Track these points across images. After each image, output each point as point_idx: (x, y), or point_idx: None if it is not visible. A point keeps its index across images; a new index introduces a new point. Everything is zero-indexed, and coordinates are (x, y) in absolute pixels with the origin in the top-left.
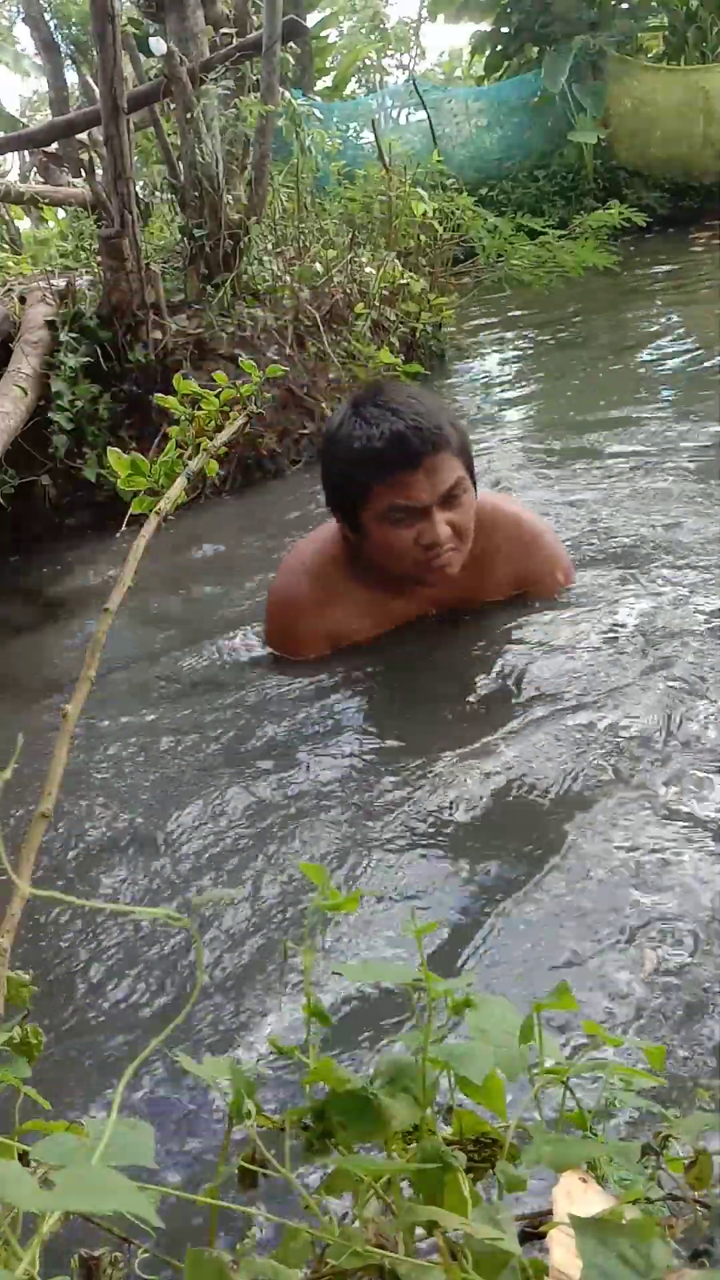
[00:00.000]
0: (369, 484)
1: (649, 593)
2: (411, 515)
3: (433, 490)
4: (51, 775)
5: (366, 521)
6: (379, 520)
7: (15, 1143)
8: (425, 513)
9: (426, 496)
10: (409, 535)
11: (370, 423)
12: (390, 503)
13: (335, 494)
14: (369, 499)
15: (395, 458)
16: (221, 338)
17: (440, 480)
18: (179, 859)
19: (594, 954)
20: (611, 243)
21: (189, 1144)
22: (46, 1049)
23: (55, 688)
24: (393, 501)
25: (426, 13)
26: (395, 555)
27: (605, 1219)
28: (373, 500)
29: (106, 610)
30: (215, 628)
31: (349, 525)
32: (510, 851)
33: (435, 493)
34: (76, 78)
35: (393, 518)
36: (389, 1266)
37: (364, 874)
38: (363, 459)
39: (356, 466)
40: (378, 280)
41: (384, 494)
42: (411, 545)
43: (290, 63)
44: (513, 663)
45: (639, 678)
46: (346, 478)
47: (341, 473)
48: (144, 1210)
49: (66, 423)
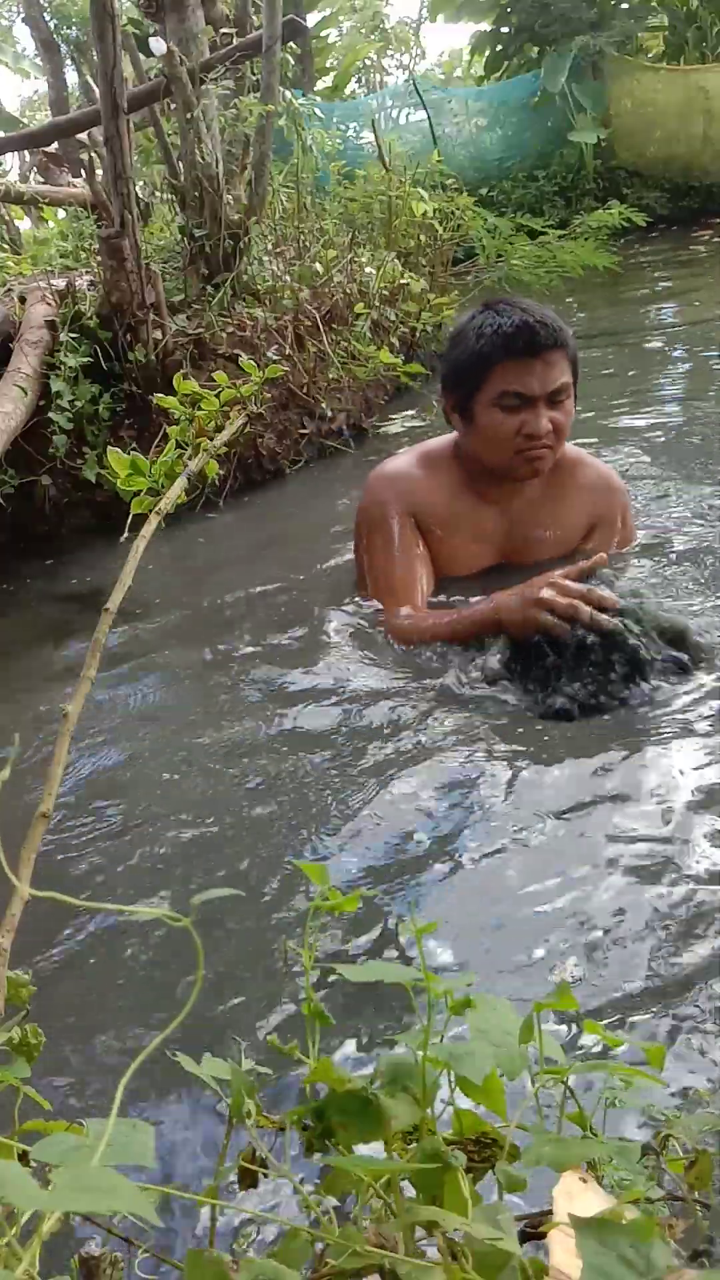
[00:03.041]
0: (490, 365)
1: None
2: (520, 403)
3: (544, 384)
4: (51, 775)
5: (478, 408)
6: (489, 405)
7: (15, 1143)
8: (533, 404)
9: (538, 388)
10: (513, 423)
11: (502, 314)
12: (504, 388)
13: (454, 378)
14: (486, 381)
15: (519, 343)
16: (221, 338)
17: (552, 377)
18: (179, 859)
19: (594, 953)
20: (611, 243)
21: (189, 1144)
22: (46, 1049)
23: (55, 688)
24: (506, 387)
25: (426, 13)
26: (498, 442)
27: (605, 1219)
28: (490, 383)
29: (106, 610)
30: (216, 628)
31: (460, 412)
32: (517, 851)
33: (545, 387)
34: (76, 78)
35: (504, 403)
36: (389, 1266)
37: (364, 873)
38: (490, 340)
39: (483, 347)
40: (378, 280)
41: (501, 376)
42: (513, 434)
43: (290, 63)
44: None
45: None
46: (471, 359)
47: (467, 354)
48: (144, 1210)
49: (66, 423)
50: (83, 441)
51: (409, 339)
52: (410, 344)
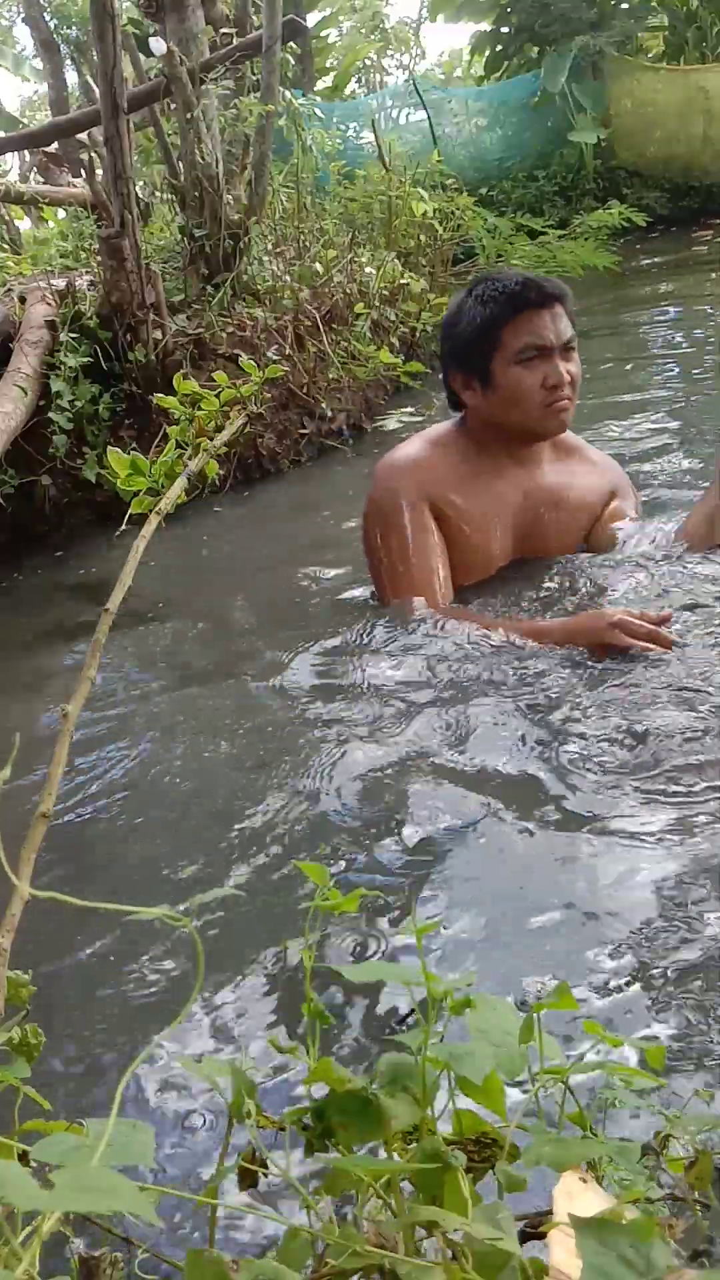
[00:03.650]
0: (502, 324)
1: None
2: (540, 355)
3: (558, 334)
4: (51, 775)
5: (497, 369)
6: (509, 364)
7: (15, 1143)
8: (550, 355)
9: (553, 338)
10: (536, 377)
11: (500, 279)
12: (522, 342)
13: (466, 350)
14: (502, 341)
15: (529, 295)
16: (221, 338)
17: (562, 328)
18: (179, 859)
19: (595, 953)
20: (611, 243)
21: (189, 1144)
22: (46, 1049)
23: (55, 688)
24: (524, 341)
25: (426, 13)
26: (523, 398)
27: (605, 1219)
28: (506, 342)
29: (106, 610)
30: (216, 627)
31: (478, 383)
32: (518, 852)
33: (560, 337)
34: (76, 78)
35: (523, 358)
36: (389, 1266)
37: (365, 873)
38: (498, 299)
39: (490, 310)
40: (378, 280)
41: (515, 333)
42: (538, 388)
43: (290, 63)
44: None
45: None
46: (481, 325)
47: (475, 322)
48: (144, 1210)
49: (66, 423)
50: (83, 441)
51: (409, 339)
52: (410, 344)
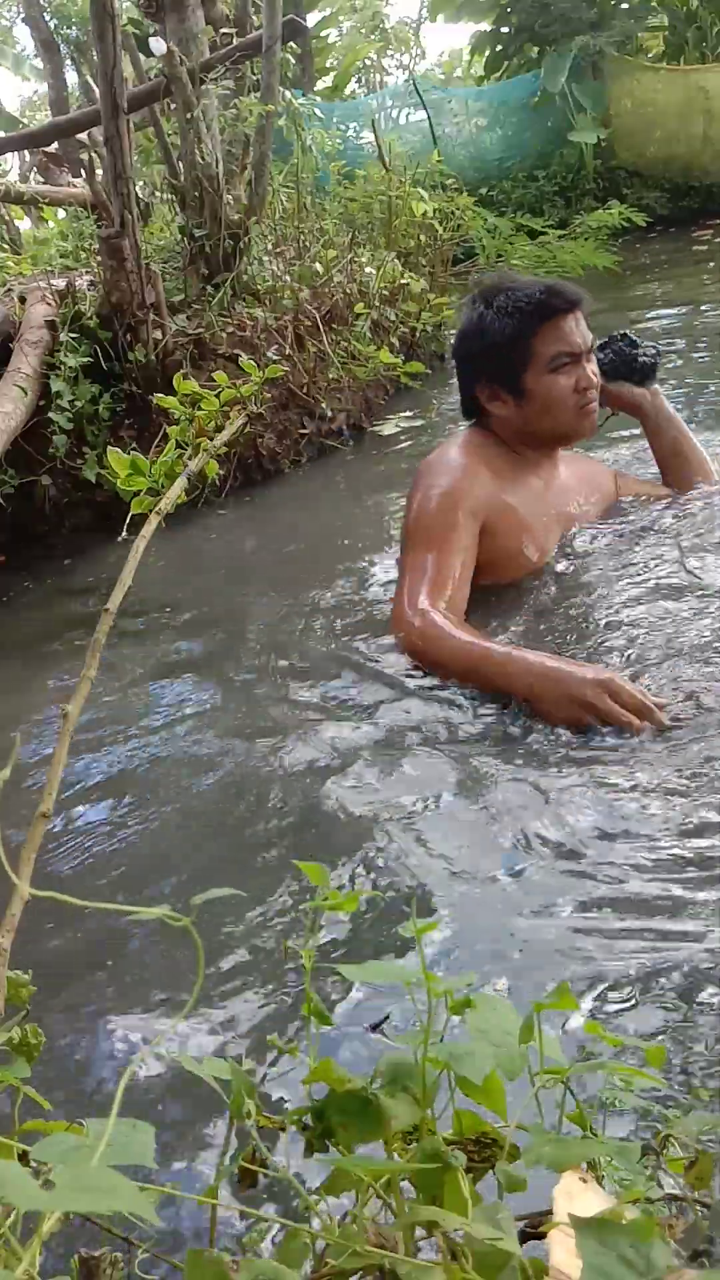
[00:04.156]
0: (532, 335)
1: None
2: (570, 361)
3: (584, 339)
4: (51, 775)
5: (529, 380)
6: (541, 374)
7: (15, 1143)
8: (579, 360)
9: (581, 343)
10: (569, 383)
11: (520, 289)
12: (554, 350)
13: (494, 363)
14: (534, 351)
15: (555, 303)
16: (221, 338)
17: (585, 332)
18: (179, 859)
19: (595, 953)
20: (611, 243)
21: (189, 1144)
22: (46, 1049)
23: (55, 688)
24: (555, 349)
25: (426, 13)
26: (556, 405)
27: (605, 1219)
28: (538, 352)
29: (106, 610)
30: (218, 628)
31: (510, 394)
32: (519, 851)
33: (586, 340)
34: (76, 78)
35: (555, 365)
36: (389, 1266)
37: (365, 873)
38: (526, 310)
39: (517, 322)
40: (378, 280)
41: (546, 342)
42: (571, 393)
43: (290, 63)
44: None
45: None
46: (509, 337)
47: (501, 335)
48: (144, 1210)
49: (66, 423)
50: (83, 441)
51: (409, 339)
52: (410, 344)
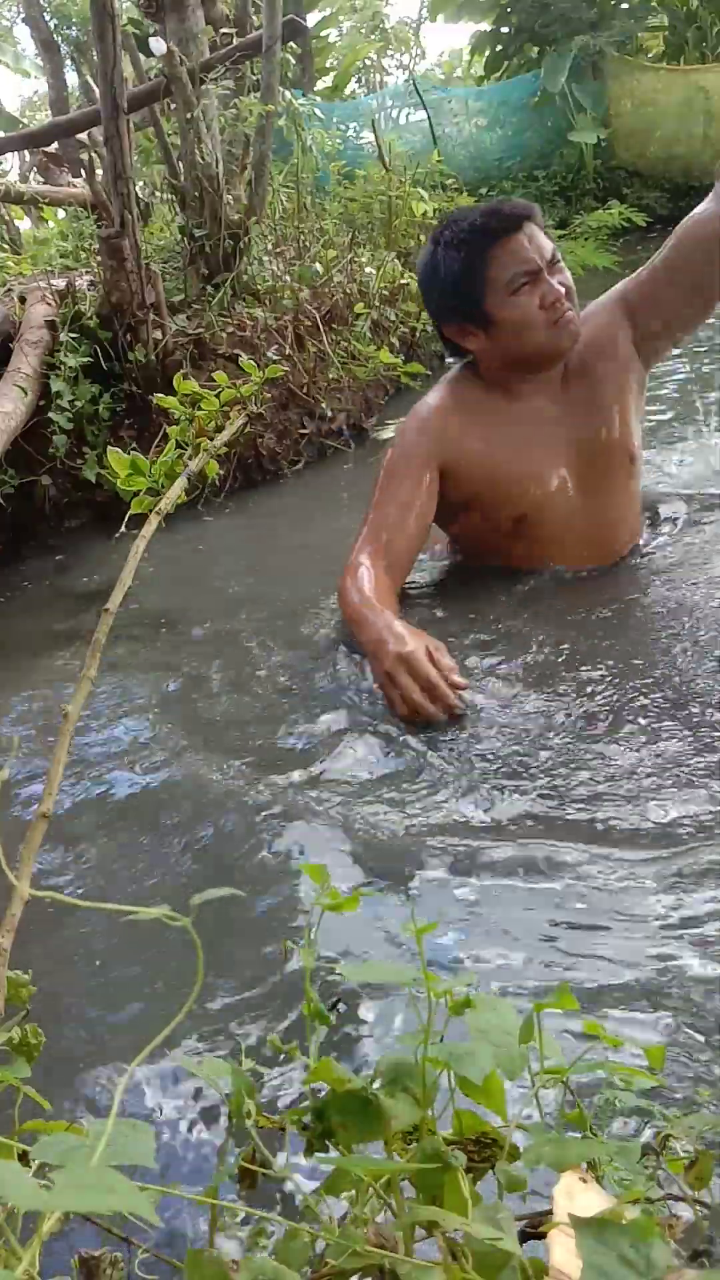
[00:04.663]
0: (483, 262)
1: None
2: (530, 280)
3: (540, 251)
4: (52, 775)
5: (492, 308)
6: (502, 299)
7: (15, 1143)
8: (538, 276)
9: (537, 257)
10: (534, 301)
11: (462, 218)
12: (509, 273)
13: (453, 299)
14: (488, 278)
15: (497, 226)
16: (221, 338)
17: (541, 244)
18: (179, 859)
19: (595, 953)
20: (611, 243)
21: (189, 1144)
22: (46, 1049)
23: (55, 688)
24: (510, 271)
25: (426, 13)
26: (527, 326)
27: (605, 1219)
28: (492, 278)
29: (106, 610)
30: (218, 627)
31: (476, 327)
32: (519, 851)
33: (543, 254)
34: (76, 78)
35: (514, 287)
36: (389, 1266)
37: (366, 873)
38: (470, 239)
39: (467, 250)
40: (378, 280)
41: (498, 265)
42: (537, 311)
43: (290, 63)
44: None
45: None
46: (461, 269)
47: (453, 269)
48: (144, 1210)
49: (66, 423)
50: (83, 441)
51: (409, 339)
52: (410, 344)
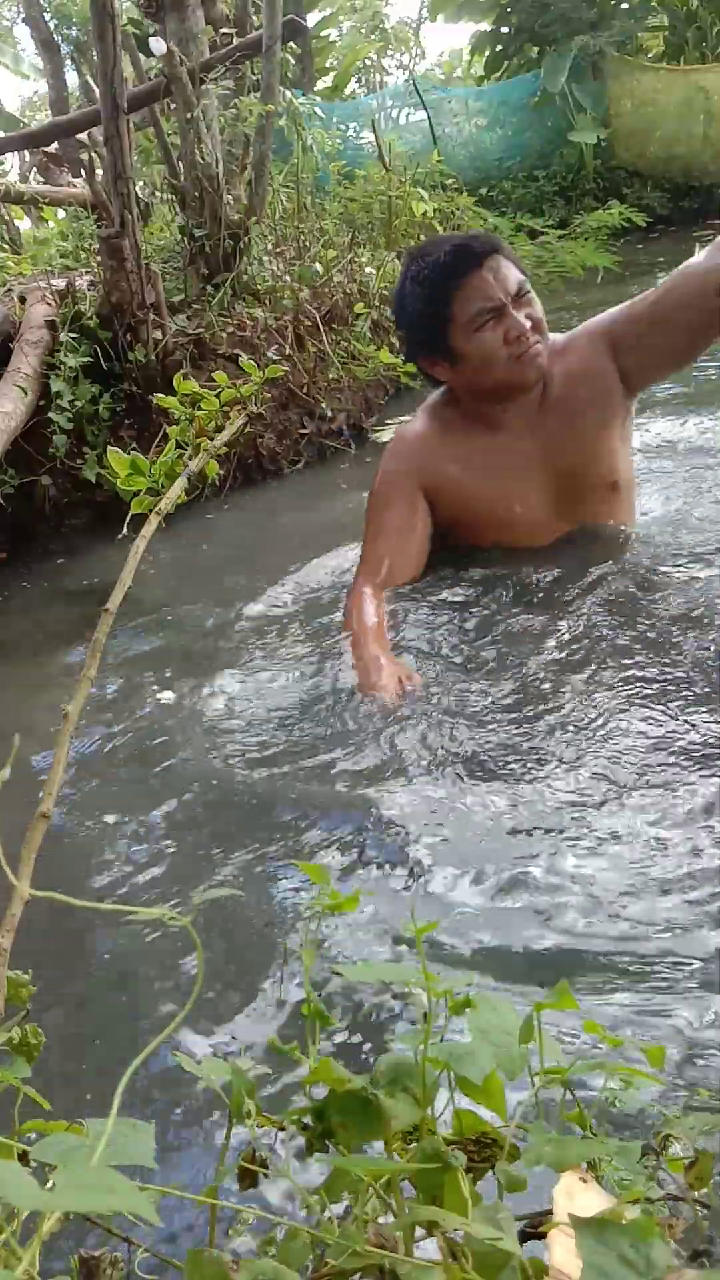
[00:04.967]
0: (447, 298)
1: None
2: (493, 316)
3: (504, 287)
4: (52, 775)
5: (456, 343)
6: (466, 334)
7: (15, 1143)
8: (503, 311)
9: (500, 295)
10: (497, 336)
11: (429, 253)
12: (472, 310)
13: (420, 332)
14: (451, 314)
15: (460, 263)
16: (221, 338)
17: (506, 280)
18: (179, 859)
19: (595, 953)
20: (611, 243)
21: (189, 1144)
22: (46, 1049)
23: (55, 688)
24: (472, 307)
25: (426, 13)
26: (491, 360)
27: (605, 1219)
28: (456, 314)
29: (106, 610)
30: (217, 626)
31: (444, 359)
32: (518, 851)
33: (507, 289)
34: (76, 78)
35: (478, 323)
36: (389, 1266)
37: (367, 872)
38: (434, 277)
39: (431, 287)
40: (378, 280)
41: (462, 302)
42: (501, 346)
43: (290, 63)
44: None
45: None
46: (425, 304)
47: (418, 304)
48: (144, 1210)
49: (66, 423)
50: (83, 441)
51: None
52: None
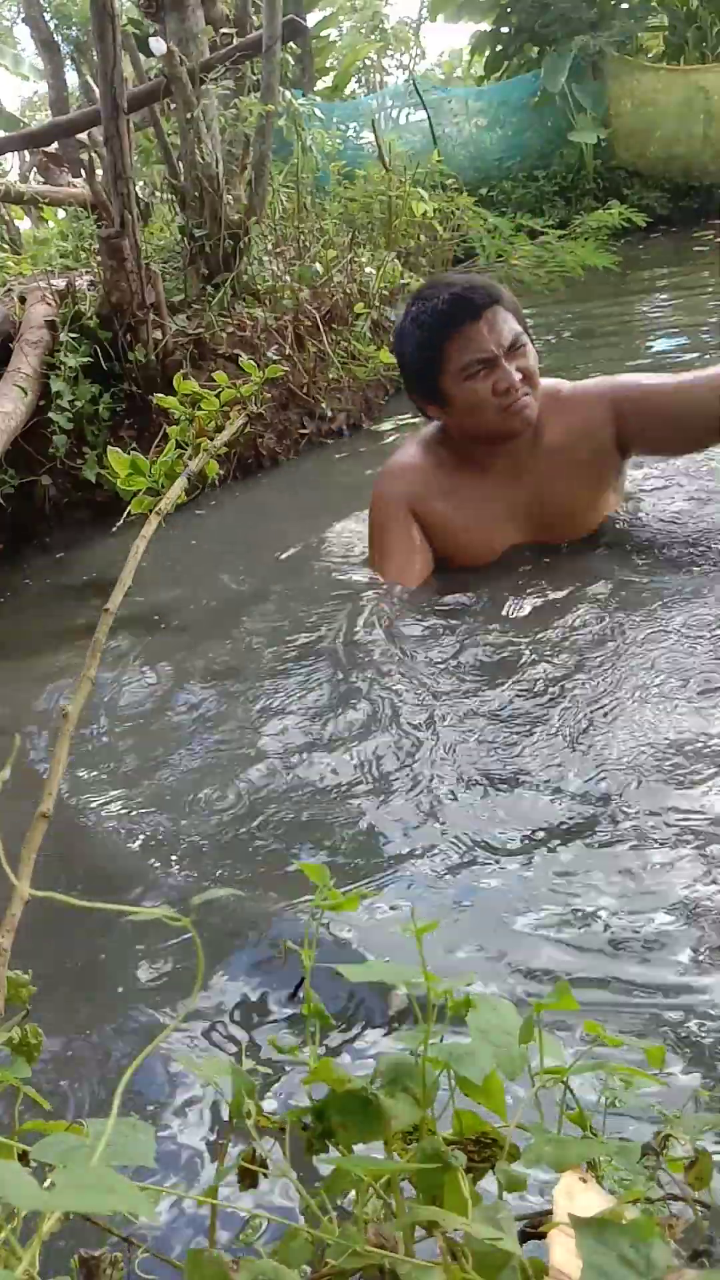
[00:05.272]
0: (441, 344)
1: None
2: (485, 367)
3: (498, 340)
4: (52, 775)
5: (448, 388)
6: (457, 381)
7: (15, 1143)
8: (495, 363)
9: (493, 347)
10: (486, 387)
11: (431, 297)
12: (463, 359)
13: (414, 374)
14: (444, 361)
15: (458, 313)
16: (221, 338)
17: (501, 332)
18: (179, 859)
19: (596, 953)
20: (612, 243)
21: (189, 1144)
22: (46, 1049)
23: (55, 688)
24: (465, 357)
25: (426, 13)
26: (479, 409)
27: (605, 1219)
28: (448, 361)
29: (106, 610)
30: (216, 626)
31: (435, 402)
32: (519, 851)
33: (501, 342)
34: (76, 78)
35: (469, 372)
36: (389, 1266)
37: (366, 872)
38: (430, 323)
39: (427, 333)
40: (378, 280)
41: (455, 350)
42: (490, 396)
43: (290, 63)
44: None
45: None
46: (421, 349)
47: (415, 347)
48: (144, 1210)
49: (66, 423)
50: (83, 441)
51: None
52: None
